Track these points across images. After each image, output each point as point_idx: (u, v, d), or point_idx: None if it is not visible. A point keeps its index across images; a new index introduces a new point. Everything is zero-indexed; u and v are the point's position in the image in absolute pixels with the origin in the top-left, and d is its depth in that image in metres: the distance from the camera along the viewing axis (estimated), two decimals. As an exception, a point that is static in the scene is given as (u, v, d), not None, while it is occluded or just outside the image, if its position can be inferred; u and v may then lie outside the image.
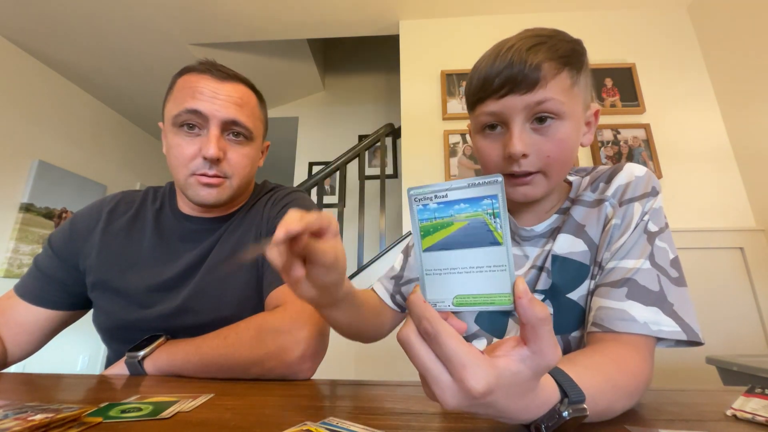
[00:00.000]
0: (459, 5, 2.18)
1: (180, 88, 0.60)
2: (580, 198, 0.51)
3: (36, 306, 0.62)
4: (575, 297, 0.48)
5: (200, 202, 0.61)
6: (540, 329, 0.22)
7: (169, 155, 0.60)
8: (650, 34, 2.09)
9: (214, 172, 0.59)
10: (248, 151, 0.63)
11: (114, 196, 0.71)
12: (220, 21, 2.30)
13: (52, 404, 0.33)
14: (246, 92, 0.63)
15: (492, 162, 0.48)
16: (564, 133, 0.44)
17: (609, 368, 0.35)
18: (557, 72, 0.43)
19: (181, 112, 0.58)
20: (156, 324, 0.59)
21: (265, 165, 0.75)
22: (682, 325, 0.39)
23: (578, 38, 0.47)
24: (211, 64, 0.61)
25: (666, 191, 1.82)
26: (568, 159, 0.46)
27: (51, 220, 2.51)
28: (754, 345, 1.60)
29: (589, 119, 0.50)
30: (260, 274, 0.62)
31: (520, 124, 0.44)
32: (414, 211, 0.25)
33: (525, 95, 0.42)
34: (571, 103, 0.44)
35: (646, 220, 0.45)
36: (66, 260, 0.64)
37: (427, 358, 0.23)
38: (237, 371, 0.51)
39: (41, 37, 2.31)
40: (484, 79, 0.45)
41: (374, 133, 2.28)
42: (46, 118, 2.53)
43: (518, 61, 0.42)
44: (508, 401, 0.24)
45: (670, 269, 0.43)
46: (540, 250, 0.52)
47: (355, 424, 0.31)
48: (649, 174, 0.48)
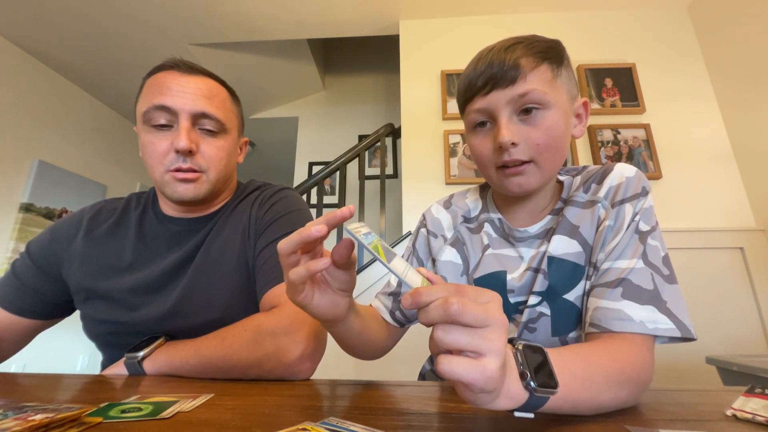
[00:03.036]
0: (459, 5, 2.18)
1: (148, 86, 0.60)
2: (572, 198, 0.51)
3: (12, 314, 0.61)
4: (572, 298, 0.48)
5: (179, 198, 0.60)
6: None
7: (144, 154, 0.60)
8: (650, 34, 2.09)
9: (189, 165, 0.59)
10: (222, 143, 0.62)
11: (95, 205, 0.70)
12: (220, 21, 2.30)
13: (52, 404, 0.33)
14: (214, 85, 0.63)
15: (484, 156, 0.49)
16: (551, 121, 0.45)
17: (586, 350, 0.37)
18: (536, 65, 0.45)
19: (149, 109, 0.57)
20: (146, 327, 0.58)
21: (265, 165, 0.75)
22: (676, 322, 0.40)
23: (557, 39, 0.49)
24: (179, 60, 0.61)
25: (666, 191, 1.83)
26: (558, 147, 0.47)
27: (51, 220, 2.51)
28: (754, 345, 1.60)
29: (579, 111, 0.51)
30: (250, 277, 0.62)
31: (507, 116, 0.46)
32: (360, 241, 0.30)
33: (507, 89, 0.45)
34: (554, 93, 0.46)
35: (637, 220, 0.46)
36: (44, 269, 0.63)
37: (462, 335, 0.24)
38: (236, 372, 0.51)
39: (41, 37, 2.31)
40: (469, 81, 0.49)
41: (374, 133, 2.28)
42: (46, 118, 2.53)
43: (498, 60, 0.45)
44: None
45: (662, 267, 0.43)
46: (535, 251, 0.52)
47: (355, 424, 0.31)
48: (639, 174, 0.49)
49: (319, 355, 0.55)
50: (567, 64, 0.48)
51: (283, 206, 0.66)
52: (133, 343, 0.56)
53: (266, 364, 0.50)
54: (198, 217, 0.66)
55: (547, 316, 0.50)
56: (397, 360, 1.70)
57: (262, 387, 0.47)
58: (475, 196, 0.62)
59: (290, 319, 0.52)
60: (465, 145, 2.00)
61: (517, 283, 0.52)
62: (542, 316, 0.50)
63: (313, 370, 0.53)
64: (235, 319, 0.55)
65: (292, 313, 0.53)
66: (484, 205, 0.60)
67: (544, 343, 0.49)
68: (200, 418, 0.33)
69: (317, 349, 0.54)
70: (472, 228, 0.59)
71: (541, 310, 0.50)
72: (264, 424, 0.32)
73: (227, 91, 0.65)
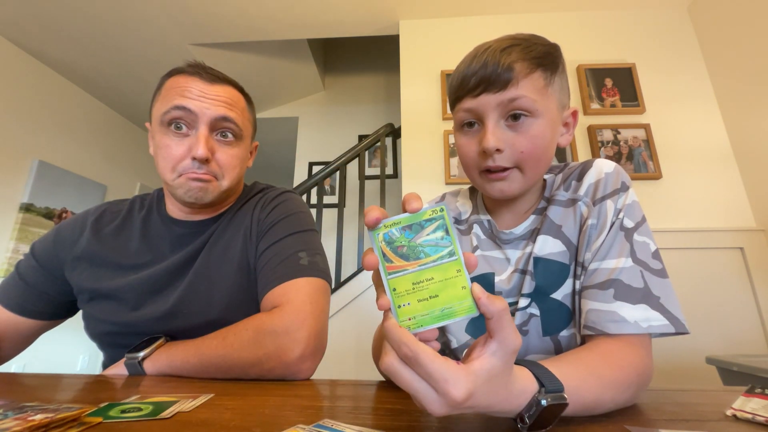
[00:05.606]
0: (459, 5, 2.18)
1: (169, 88, 0.60)
2: (554, 197, 0.51)
3: (16, 315, 0.61)
4: (559, 297, 0.49)
5: (191, 198, 0.60)
6: (503, 318, 0.25)
7: (157, 156, 0.60)
8: (650, 34, 2.09)
9: (204, 171, 0.59)
10: (237, 151, 0.63)
11: (99, 207, 0.70)
12: (220, 21, 2.30)
13: (52, 404, 0.33)
14: (235, 93, 0.63)
15: (469, 158, 0.49)
16: (537, 129, 0.45)
17: (594, 361, 0.37)
18: (530, 72, 0.45)
19: (169, 109, 0.57)
20: (147, 327, 0.59)
21: (265, 165, 0.75)
22: (669, 317, 0.40)
23: (555, 43, 0.49)
24: (201, 67, 0.61)
25: (666, 191, 1.82)
26: (543, 156, 0.47)
27: (51, 220, 2.51)
28: (754, 345, 1.60)
29: (567, 120, 0.51)
30: (251, 278, 0.62)
31: (494, 121, 0.46)
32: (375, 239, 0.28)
33: (498, 93, 0.45)
34: (544, 101, 0.45)
35: (621, 217, 0.45)
36: (49, 269, 0.63)
37: (413, 380, 0.25)
38: (236, 372, 0.51)
39: (41, 37, 2.31)
40: (462, 79, 0.48)
41: (374, 133, 2.28)
42: (46, 118, 2.53)
43: (492, 62, 0.45)
44: (489, 396, 0.26)
45: (652, 261, 0.43)
46: (521, 252, 0.52)
47: (349, 426, 0.30)
48: (617, 169, 0.49)
49: (320, 354, 0.55)
50: (561, 72, 0.48)
51: (284, 209, 0.67)
52: (135, 343, 0.56)
53: (267, 364, 0.50)
54: (202, 220, 0.67)
55: (537, 317, 0.50)
56: (397, 360, 1.70)
57: (262, 387, 0.47)
58: (466, 197, 0.62)
59: (291, 318, 0.52)
60: (465, 145, 2.00)
61: (505, 285, 0.52)
62: (532, 317, 0.50)
63: (313, 369, 0.54)
64: (236, 320, 0.55)
65: (292, 313, 0.53)
66: (474, 206, 0.60)
67: (536, 344, 0.50)
68: (200, 418, 0.33)
69: (318, 348, 0.54)
70: (462, 229, 0.59)
71: (530, 311, 0.50)
72: (264, 424, 0.32)
73: (245, 99, 0.66)
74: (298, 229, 0.64)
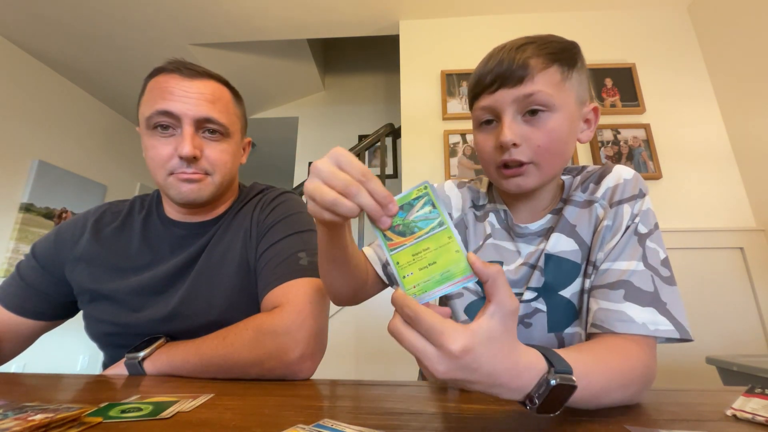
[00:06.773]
0: (459, 5, 2.18)
1: (150, 89, 0.59)
2: (571, 198, 0.52)
3: (16, 315, 0.61)
4: (567, 294, 0.49)
5: (183, 199, 0.60)
6: (498, 280, 0.27)
7: (147, 158, 0.60)
8: (650, 34, 2.09)
9: (193, 170, 0.59)
10: (226, 147, 0.63)
11: (99, 207, 0.70)
12: (220, 21, 2.30)
13: (52, 404, 0.33)
14: (218, 88, 0.62)
15: (486, 153, 0.50)
16: (554, 124, 0.45)
17: (602, 352, 0.37)
18: (545, 67, 0.45)
19: (152, 114, 0.57)
20: (148, 329, 0.59)
21: (265, 165, 0.75)
22: (675, 323, 0.41)
23: (574, 41, 0.49)
24: (180, 63, 0.60)
25: (666, 191, 1.82)
26: (560, 151, 0.47)
27: (51, 220, 2.51)
28: (754, 345, 1.60)
29: (588, 116, 0.51)
30: (251, 279, 0.62)
31: (511, 116, 0.46)
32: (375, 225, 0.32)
33: (514, 89, 0.45)
34: (561, 96, 0.45)
35: (636, 222, 0.46)
36: (50, 270, 0.63)
37: (413, 337, 0.27)
38: (236, 372, 0.51)
39: (41, 37, 2.31)
40: (478, 78, 0.49)
41: (374, 133, 2.28)
42: (45, 118, 2.53)
43: (507, 59, 0.46)
44: (490, 360, 0.26)
45: (661, 268, 0.44)
46: (534, 248, 0.53)
47: (349, 426, 0.30)
48: (636, 176, 0.49)
49: (320, 354, 0.55)
50: (580, 67, 0.48)
51: (284, 209, 0.67)
52: (135, 343, 0.56)
53: (267, 363, 0.50)
54: (202, 222, 0.66)
55: (543, 313, 0.50)
56: (397, 360, 1.70)
57: (262, 387, 0.47)
58: (486, 186, 0.62)
59: (291, 318, 0.53)
60: (465, 145, 2.00)
61: (512, 276, 0.52)
62: (538, 312, 0.50)
63: (313, 369, 0.54)
64: (236, 320, 0.55)
65: (293, 313, 0.53)
66: (492, 195, 0.60)
67: (541, 340, 0.50)
68: (200, 418, 0.33)
69: (318, 349, 0.54)
70: (478, 215, 0.59)
71: (537, 306, 0.51)
72: (264, 424, 0.32)
73: (230, 93, 0.65)
74: (298, 229, 0.64)
